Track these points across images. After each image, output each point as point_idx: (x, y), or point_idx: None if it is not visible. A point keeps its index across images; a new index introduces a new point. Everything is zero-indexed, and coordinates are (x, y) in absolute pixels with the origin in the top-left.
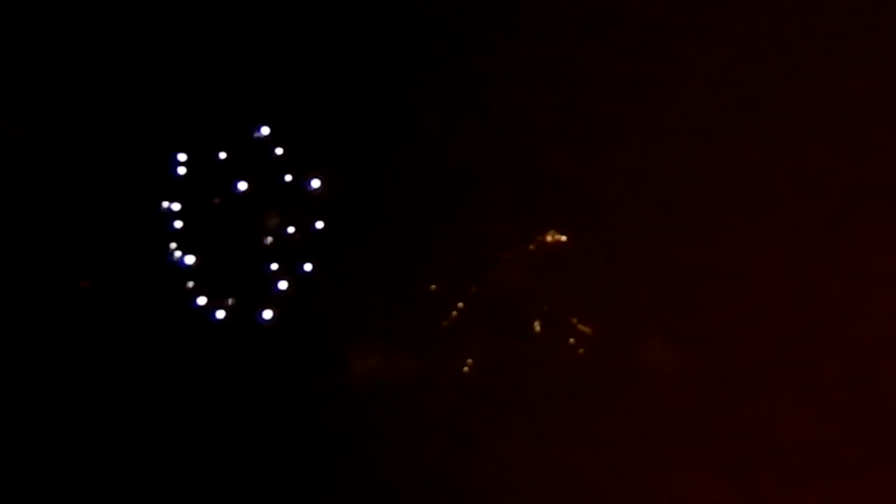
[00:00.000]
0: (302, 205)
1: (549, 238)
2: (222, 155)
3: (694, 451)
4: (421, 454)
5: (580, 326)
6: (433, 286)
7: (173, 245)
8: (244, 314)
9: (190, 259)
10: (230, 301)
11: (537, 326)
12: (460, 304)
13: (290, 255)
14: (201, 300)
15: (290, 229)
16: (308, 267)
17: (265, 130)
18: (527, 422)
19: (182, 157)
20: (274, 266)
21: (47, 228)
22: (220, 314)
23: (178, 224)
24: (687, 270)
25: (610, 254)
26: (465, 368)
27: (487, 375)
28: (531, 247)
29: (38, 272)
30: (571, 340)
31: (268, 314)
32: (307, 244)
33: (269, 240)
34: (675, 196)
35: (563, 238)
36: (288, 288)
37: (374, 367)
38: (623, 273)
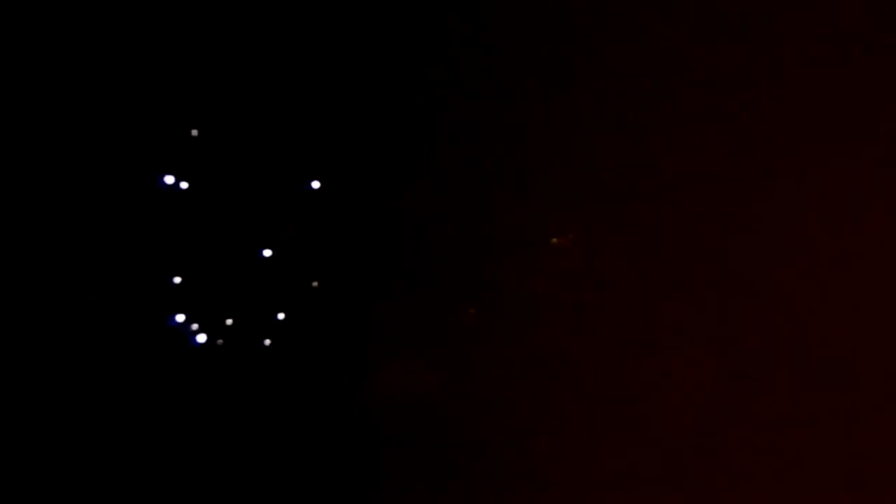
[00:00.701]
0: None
1: (565, 241)
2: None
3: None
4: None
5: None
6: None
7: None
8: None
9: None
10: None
11: (555, 331)
12: (472, 311)
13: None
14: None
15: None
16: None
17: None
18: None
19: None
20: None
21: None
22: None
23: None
24: (710, 273)
25: (628, 257)
26: (484, 377)
27: (506, 384)
28: (548, 251)
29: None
30: (592, 346)
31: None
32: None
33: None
34: (696, 197)
35: (580, 241)
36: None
37: (390, 379)
38: (643, 276)
